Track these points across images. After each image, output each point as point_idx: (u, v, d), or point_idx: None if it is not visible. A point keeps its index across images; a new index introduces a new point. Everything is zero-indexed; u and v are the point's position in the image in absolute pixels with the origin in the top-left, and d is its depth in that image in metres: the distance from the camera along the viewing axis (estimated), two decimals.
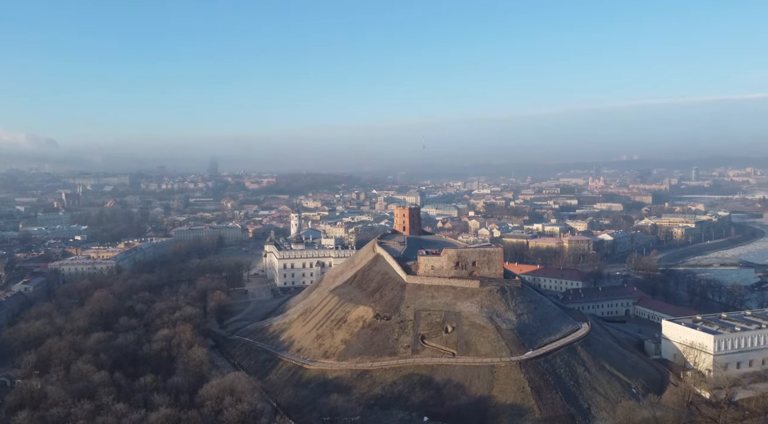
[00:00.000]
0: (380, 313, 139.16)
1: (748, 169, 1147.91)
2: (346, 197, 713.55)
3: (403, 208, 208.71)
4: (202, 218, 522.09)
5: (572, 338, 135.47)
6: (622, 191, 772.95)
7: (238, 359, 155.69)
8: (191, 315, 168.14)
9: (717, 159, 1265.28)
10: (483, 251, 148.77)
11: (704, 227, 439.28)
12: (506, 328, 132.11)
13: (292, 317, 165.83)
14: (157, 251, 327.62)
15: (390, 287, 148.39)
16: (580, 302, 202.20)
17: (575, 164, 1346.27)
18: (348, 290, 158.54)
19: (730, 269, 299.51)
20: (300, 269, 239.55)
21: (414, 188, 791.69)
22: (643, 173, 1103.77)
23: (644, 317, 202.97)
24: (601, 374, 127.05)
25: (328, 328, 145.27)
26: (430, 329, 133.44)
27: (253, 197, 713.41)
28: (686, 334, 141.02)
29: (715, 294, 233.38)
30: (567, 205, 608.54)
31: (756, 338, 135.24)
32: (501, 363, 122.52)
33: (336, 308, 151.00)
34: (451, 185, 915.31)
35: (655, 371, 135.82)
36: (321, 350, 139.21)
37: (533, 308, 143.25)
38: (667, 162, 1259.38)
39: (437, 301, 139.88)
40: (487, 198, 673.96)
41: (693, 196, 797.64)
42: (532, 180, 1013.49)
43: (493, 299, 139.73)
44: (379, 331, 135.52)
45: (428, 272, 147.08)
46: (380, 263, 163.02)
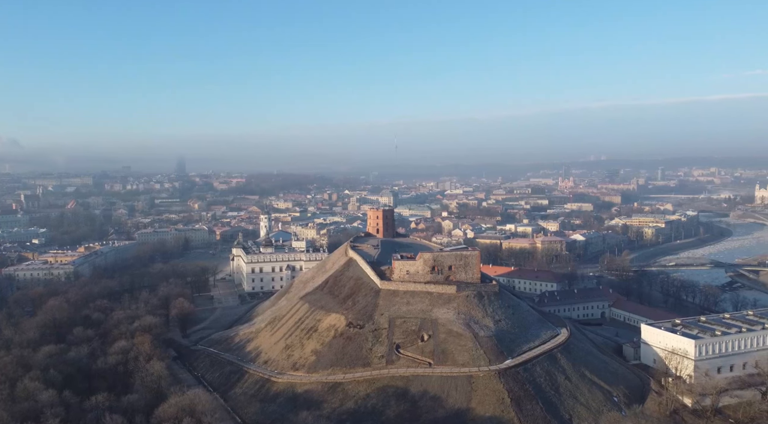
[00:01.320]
0: (353, 321, 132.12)
1: (712, 169, 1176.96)
2: (318, 198, 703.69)
3: (376, 210, 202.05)
4: (167, 219, 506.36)
5: (552, 344, 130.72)
6: (591, 191, 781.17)
7: (201, 371, 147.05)
8: (151, 325, 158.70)
9: (682, 159, 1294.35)
10: (459, 255, 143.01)
11: (674, 227, 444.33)
12: (484, 335, 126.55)
13: (260, 325, 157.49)
14: (119, 255, 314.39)
15: (363, 293, 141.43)
16: (556, 304, 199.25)
17: (545, 165, 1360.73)
18: (319, 297, 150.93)
19: (702, 269, 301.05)
20: (269, 273, 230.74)
21: (387, 189, 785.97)
22: (611, 173, 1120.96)
23: (620, 319, 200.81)
24: (582, 383, 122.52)
25: (298, 338, 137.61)
26: (406, 337, 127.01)
27: (221, 198, 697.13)
28: (666, 339, 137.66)
29: (689, 295, 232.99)
30: (538, 206, 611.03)
31: (737, 343, 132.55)
32: (479, 373, 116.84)
33: (306, 316, 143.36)
34: (423, 186, 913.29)
35: (635, 377, 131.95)
36: (290, 362, 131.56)
37: (511, 314, 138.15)
38: (633, 162, 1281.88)
39: (413, 308, 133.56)
40: (460, 198, 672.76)
41: (660, 195, 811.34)
42: (503, 180, 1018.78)
43: (471, 305, 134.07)
44: (352, 340, 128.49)
45: (403, 277, 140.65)
46: (353, 267, 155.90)
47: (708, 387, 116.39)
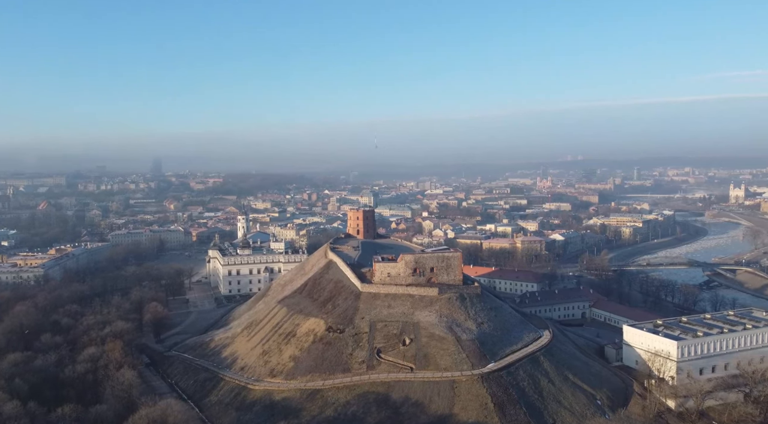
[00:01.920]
0: (333, 325, 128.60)
1: (687, 169, 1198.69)
2: (297, 198, 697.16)
3: (357, 211, 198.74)
4: (142, 220, 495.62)
5: (534, 347, 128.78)
6: (569, 191, 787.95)
7: (175, 378, 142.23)
8: (123, 330, 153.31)
9: (657, 159, 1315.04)
10: (441, 257, 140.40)
11: (651, 226, 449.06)
12: (466, 338, 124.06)
13: (236, 330, 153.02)
14: (91, 258, 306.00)
15: (343, 296, 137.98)
16: (537, 305, 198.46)
17: (523, 165, 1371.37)
18: (298, 300, 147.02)
19: (680, 268, 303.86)
20: (246, 275, 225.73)
21: (367, 188, 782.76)
22: (587, 173, 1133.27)
23: (600, 319, 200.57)
24: (565, 386, 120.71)
25: (276, 343, 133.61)
26: (387, 341, 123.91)
27: (198, 198, 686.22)
28: (648, 340, 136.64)
29: (668, 294, 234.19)
30: (517, 205, 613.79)
31: (718, 343, 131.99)
32: (462, 378, 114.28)
33: (284, 321, 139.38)
34: (404, 185, 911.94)
35: (618, 380, 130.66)
36: (267, 368, 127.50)
37: (493, 316, 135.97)
38: (609, 162, 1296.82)
39: (394, 311, 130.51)
40: (440, 198, 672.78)
41: (636, 195, 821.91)
42: (482, 180, 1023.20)
43: (453, 308, 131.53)
44: (332, 345, 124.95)
45: (384, 279, 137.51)
46: (333, 270, 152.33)
47: (692, 389, 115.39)
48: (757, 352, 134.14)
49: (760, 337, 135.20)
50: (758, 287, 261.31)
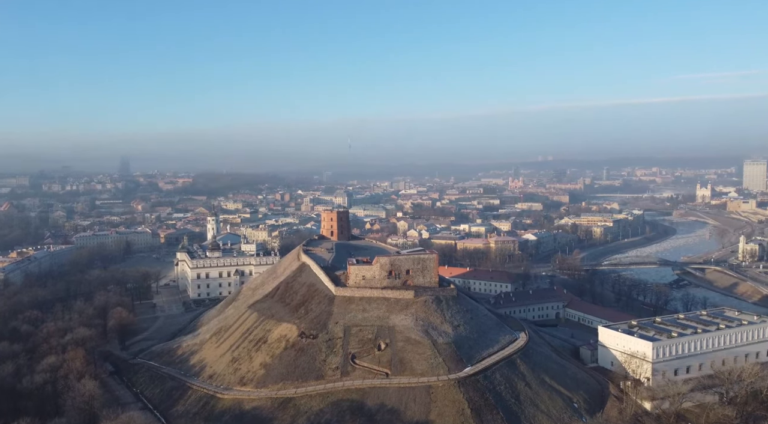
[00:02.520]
0: (305, 331, 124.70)
1: (654, 169, 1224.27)
2: (269, 198, 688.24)
3: (330, 212, 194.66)
4: (108, 222, 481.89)
5: (511, 350, 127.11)
6: (540, 191, 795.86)
7: (141, 387, 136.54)
8: (86, 337, 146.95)
9: (625, 159, 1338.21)
10: (417, 259, 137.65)
11: (621, 226, 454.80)
12: (443, 342, 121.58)
13: (204, 336, 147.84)
14: (55, 261, 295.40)
15: (317, 300, 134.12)
16: (512, 305, 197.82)
17: (495, 165, 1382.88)
18: (269, 305, 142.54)
19: (650, 268, 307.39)
20: (216, 278, 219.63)
21: (341, 189, 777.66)
22: (558, 173, 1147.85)
23: (574, 319, 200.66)
24: (542, 389, 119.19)
25: (246, 349, 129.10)
26: (362, 346, 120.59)
27: (166, 199, 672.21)
28: (623, 341, 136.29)
29: (640, 294, 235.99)
30: (490, 205, 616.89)
31: (693, 344, 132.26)
32: (438, 383, 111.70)
33: (255, 326, 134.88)
34: (378, 185, 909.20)
35: (594, 382, 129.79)
36: (237, 376, 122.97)
37: (469, 318, 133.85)
38: (579, 162, 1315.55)
39: (369, 315, 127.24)
40: (414, 198, 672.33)
41: (606, 195, 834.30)
42: (455, 180, 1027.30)
43: (429, 311, 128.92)
44: (305, 352, 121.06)
45: (359, 282, 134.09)
46: (306, 273, 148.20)
47: (669, 391, 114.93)
48: (730, 352, 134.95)
49: (734, 337, 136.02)
50: (727, 285, 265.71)
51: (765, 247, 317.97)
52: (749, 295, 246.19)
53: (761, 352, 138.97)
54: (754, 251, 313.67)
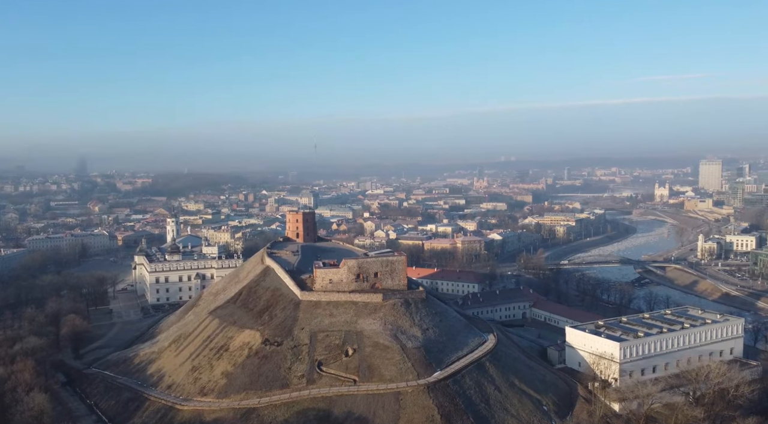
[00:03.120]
0: (270, 338, 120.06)
1: (613, 169, 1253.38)
2: (232, 199, 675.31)
3: (296, 213, 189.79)
4: (63, 224, 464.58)
5: (480, 353, 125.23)
6: (504, 191, 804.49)
7: (95, 398, 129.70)
8: (36, 347, 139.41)
9: (585, 160, 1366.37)
10: (386, 261, 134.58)
11: (583, 225, 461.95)
12: (412, 346, 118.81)
13: (163, 344, 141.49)
14: (5, 265, 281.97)
15: (281, 305, 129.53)
16: (479, 306, 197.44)
17: (460, 165, 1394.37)
18: (231, 311, 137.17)
19: (613, 266, 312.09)
20: (176, 282, 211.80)
21: (307, 189, 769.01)
22: (521, 174, 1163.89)
23: (541, 319, 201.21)
24: (511, 392, 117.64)
25: (207, 358, 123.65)
26: (329, 353, 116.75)
27: (125, 200, 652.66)
28: (591, 341, 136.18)
29: (604, 293, 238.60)
30: (456, 205, 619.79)
31: (659, 344, 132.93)
32: (407, 389, 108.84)
33: (216, 333, 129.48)
34: (344, 185, 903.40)
35: (563, 383, 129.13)
36: (197, 386, 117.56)
37: (439, 321, 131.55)
38: (541, 163, 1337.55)
39: (336, 319, 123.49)
40: (381, 199, 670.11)
41: (568, 194, 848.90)
42: (421, 180, 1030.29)
43: (398, 314, 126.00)
44: (269, 359, 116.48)
45: (326, 286, 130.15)
46: (270, 277, 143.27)
47: (637, 392, 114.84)
48: (695, 351, 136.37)
49: (698, 336, 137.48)
50: (687, 283, 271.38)
51: (723, 245, 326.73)
52: (709, 293, 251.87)
53: (725, 350, 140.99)
54: (713, 249, 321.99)
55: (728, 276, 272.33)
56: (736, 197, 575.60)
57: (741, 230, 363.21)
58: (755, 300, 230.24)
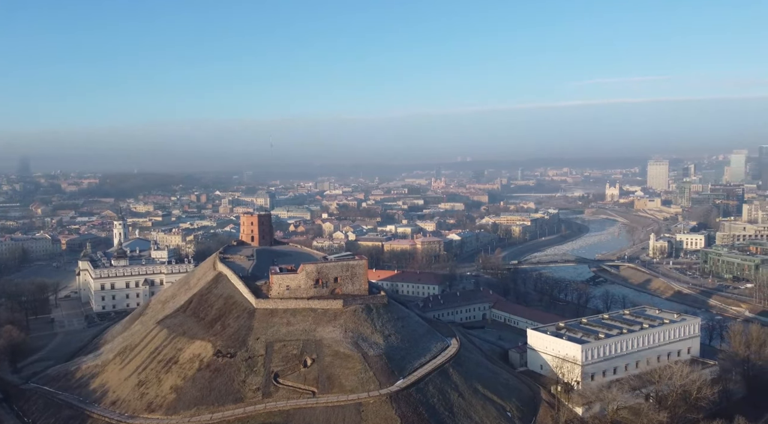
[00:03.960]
0: (222, 349, 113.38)
1: (565, 169, 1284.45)
2: (184, 200, 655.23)
3: (251, 216, 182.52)
4: (3, 227, 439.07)
5: (443, 359, 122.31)
6: (461, 191, 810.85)
7: (33, 416, 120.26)
8: None
9: (538, 160, 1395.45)
10: (346, 265, 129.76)
11: (538, 225, 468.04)
12: (374, 354, 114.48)
13: (107, 356, 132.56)
14: None
15: (235, 314, 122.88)
16: (440, 308, 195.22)
17: (417, 165, 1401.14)
18: (181, 321, 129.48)
19: (568, 265, 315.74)
20: (123, 289, 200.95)
21: (263, 189, 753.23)
22: (477, 174, 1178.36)
23: (500, 320, 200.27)
24: (475, 399, 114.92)
25: (154, 371, 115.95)
26: (286, 364, 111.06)
27: (70, 201, 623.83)
28: (552, 343, 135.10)
29: (562, 292, 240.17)
30: (415, 206, 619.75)
31: (620, 345, 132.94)
32: (369, 399, 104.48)
33: (164, 345, 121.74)
34: (302, 186, 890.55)
35: (526, 388, 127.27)
36: (144, 402, 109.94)
37: (401, 327, 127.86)
38: (495, 163, 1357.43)
39: (294, 328, 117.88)
40: (340, 199, 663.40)
41: (522, 194, 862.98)
42: (380, 180, 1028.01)
43: (359, 321, 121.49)
44: (221, 372, 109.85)
45: (283, 293, 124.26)
46: (223, 283, 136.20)
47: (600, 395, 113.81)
48: (654, 351, 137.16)
49: (657, 336, 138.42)
50: (641, 281, 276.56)
51: (673, 244, 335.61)
52: (662, 291, 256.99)
53: (682, 350, 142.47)
54: (664, 247, 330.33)
55: (680, 274, 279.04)
56: (683, 197, 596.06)
57: (690, 229, 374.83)
58: (707, 298, 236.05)
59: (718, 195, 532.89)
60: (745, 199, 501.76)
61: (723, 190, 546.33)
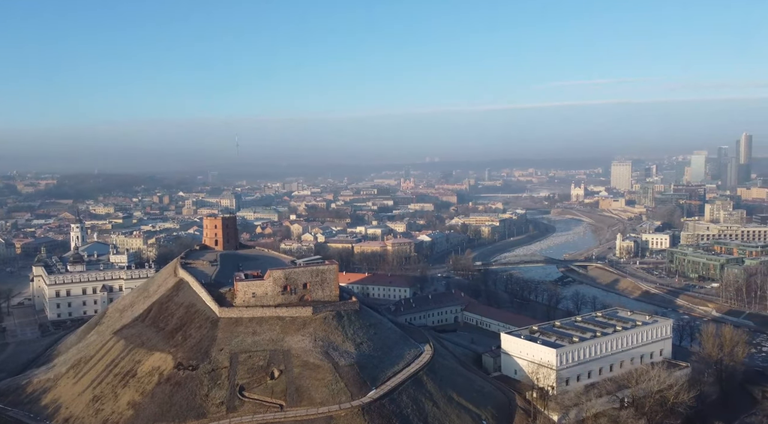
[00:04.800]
0: (183, 361, 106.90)
1: (530, 170, 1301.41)
2: (146, 201, 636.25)
3: (214, 218, 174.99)
4: None
5: (417, 366, 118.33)
6: (430, 192, 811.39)
7: None
8: None
9: (504, 161, 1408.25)
10: (315, 270, 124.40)
11: (507, 225, 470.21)
12: (345, 364, 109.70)
13: (60, 369, 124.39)
14: None
15: (197, 324, 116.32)
16: (412, 312, 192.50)
17: (386, 165, 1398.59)
18: (139, 331, 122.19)
19: (537, 266, 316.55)
20: (79, 296, 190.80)
21: (228, 190, 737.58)
22: (445, 174, 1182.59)
23: (473, 323, 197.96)
24: (450, 408, 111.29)
25: (110, 386, 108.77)
26: (252, 376, 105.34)
27: (26, 203, 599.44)
28: (527, 348, 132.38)
29: (533, 293, 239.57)
30: (384, 206, 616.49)
31: (593, 348, 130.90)
32: (340, 412, 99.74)
33: (121, 357, 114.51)
34: (269, 186, 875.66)
35: (501, 394, 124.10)
36: (99, 419, 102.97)
37: (373, 334, 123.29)
38: (463, 164, 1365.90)
39: (260, 338, 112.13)
40: (308, 200, 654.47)
41: (489, 195, 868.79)
42: (349, 181, 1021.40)
43: (329, 329, 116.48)
44: (182, 386, 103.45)
45: (248, 300, 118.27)
46: (184, 291, 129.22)
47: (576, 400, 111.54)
48: (628, 354, 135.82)
49: (631, 339, 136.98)
50: (609, 281, 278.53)
51: (639, 243, 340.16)
52: (630, 291, 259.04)
53: (655, 352, 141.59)
54: (630, 247, 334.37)
55: (647, 274, 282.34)
56: (647, 197, 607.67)
57: (655, 229, 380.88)
58: (674, 298, 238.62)
59: (682, 195, 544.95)
60: (707, 199, 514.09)
61: (685, 190, 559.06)
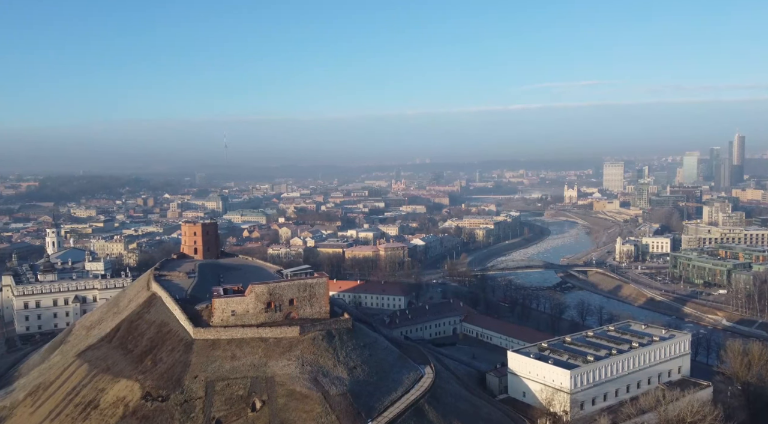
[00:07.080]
0: (152, 391, 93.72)
1: (521, 171, 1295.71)
2: (130, 204, 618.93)
3: (193, 225, 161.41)
4: None
5: (417, 393, 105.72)
6: (422, 193, 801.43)
7: None
8: None
9: (495, 162, 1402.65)
10: (303, 284, 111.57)
11: (501, 228, 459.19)
12: (336, 393, 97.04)
13: (18, 395, 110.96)
14: None
15: (169, 346, 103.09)
16: (408, 324, 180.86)
17: (376, 167, 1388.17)
18: (105, 353, 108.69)
19: (536, 271, 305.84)
20: (49, 308, 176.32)
21: (215, 192, 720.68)
22: (436, 176, 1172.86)
23: (472, 335, 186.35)
24: None
25: (70, 417, 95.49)
26: (230, 408, 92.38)
27: (4, 206, 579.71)
28: (537, 368, 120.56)
29: (534, 302, 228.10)
30: (376, 208, 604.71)
31: (610, 368, 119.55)
32: None
33: (83, 384, 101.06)
34: (257, 188, 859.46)
35: (510, 422, 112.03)
36: None
37: (368, 356, 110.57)
38: (454, 165, 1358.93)
39: (240, 363, 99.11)
40: (298, 202, 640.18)
41: (481, 196, 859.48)
42: (339, 182, 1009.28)
43: (318, 351, 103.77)
44: (151, 420, 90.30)
45: (227, 319, 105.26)
46: (156, 307, 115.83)
47: None
48: (645, 373, 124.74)
49: (648, 356, 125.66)
50: (611, 288, 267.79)
51: (639, 247, 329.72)
52: (634, 298, 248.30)
53: (673, 370, 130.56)
54: (630, 251, 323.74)
55: (650, 280, 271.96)
56: (641, 198, 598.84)
57: (654, 232, 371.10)
58: (681, 305, 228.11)
59: (679, 197, 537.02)
60: (704, 200, 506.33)
61: (682, 191, 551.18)
